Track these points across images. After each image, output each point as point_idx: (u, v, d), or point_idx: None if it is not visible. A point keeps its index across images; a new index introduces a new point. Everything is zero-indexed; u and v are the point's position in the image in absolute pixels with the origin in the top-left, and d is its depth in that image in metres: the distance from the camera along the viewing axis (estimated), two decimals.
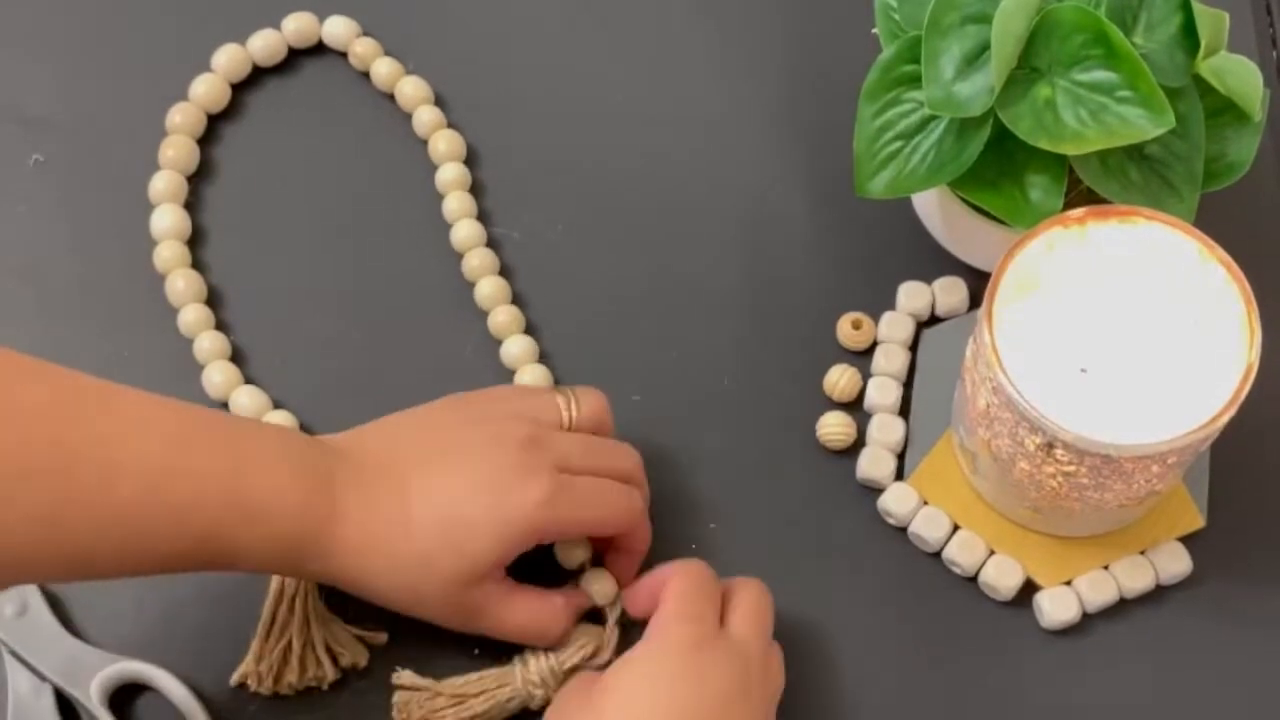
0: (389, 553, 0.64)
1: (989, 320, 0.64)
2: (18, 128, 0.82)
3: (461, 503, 0.65)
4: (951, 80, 0.68)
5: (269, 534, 0.62)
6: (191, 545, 0.61)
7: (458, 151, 0.81)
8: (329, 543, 0.63)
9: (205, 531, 0.61)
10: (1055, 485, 0.66)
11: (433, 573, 0.65)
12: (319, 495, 0.63)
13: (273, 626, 0.70)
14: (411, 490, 0.65)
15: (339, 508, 0.63)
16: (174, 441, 0.61)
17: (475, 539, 0.64)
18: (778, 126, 0.83)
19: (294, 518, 0.63)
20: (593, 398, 0.70)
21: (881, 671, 0.71)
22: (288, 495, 0.62)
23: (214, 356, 0.76)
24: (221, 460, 0.62)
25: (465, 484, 0.65)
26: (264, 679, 0.69)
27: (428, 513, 0.64)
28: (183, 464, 0.61)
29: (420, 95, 0.83)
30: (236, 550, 0.62)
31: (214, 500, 0.61)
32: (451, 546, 0.64)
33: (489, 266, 0.78)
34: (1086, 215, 0.65)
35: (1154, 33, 0.69)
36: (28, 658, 0.70)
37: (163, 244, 0.79)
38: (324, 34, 0.84)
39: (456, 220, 0.79)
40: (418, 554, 0.64)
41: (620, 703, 0.62)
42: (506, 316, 0.77)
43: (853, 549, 0.74)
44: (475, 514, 0.64)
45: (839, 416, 0.75)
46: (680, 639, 0.63)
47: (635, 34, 0.86)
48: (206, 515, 0.61)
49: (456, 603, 0.66)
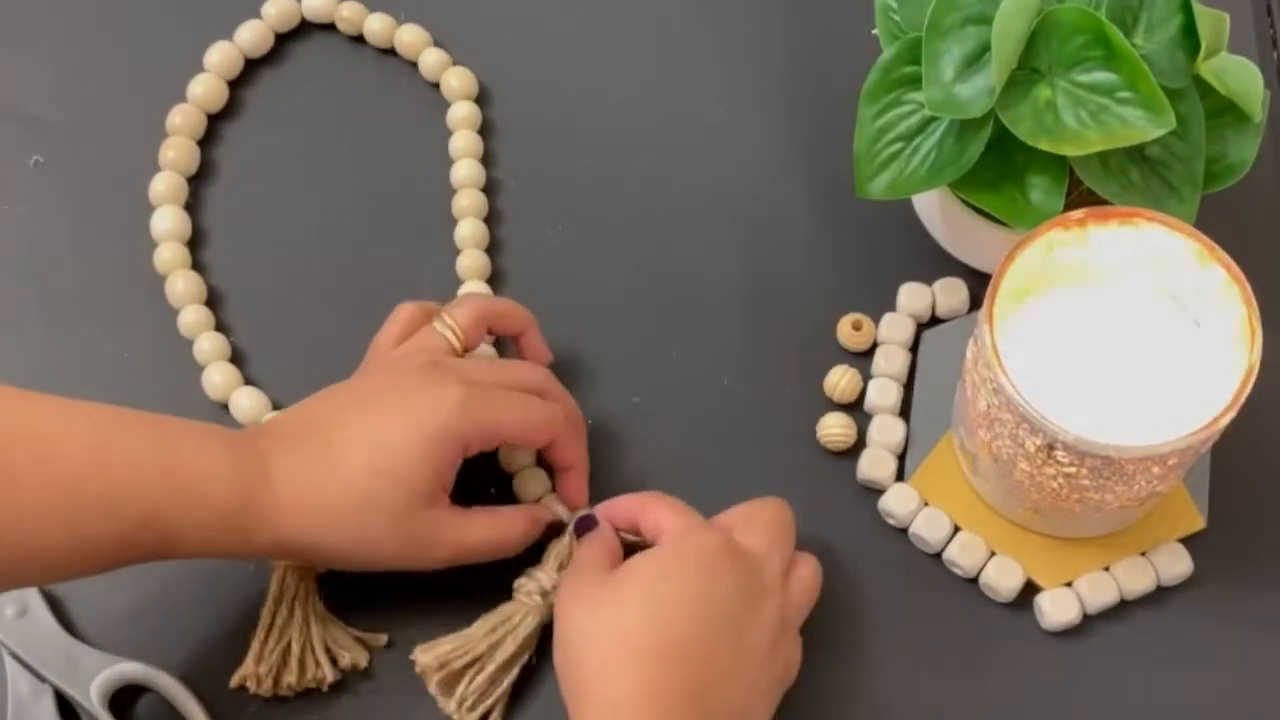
0: (328, 503, 0.65)
1: (990, 321, 0.64)
2: (18, 128, 0.82)
3: (381, 431, 0.65)
4: (952, 81, 0.68)
5: (207, 509, 0.63)
6: (133, 529, 0.62)
7: (471, 88, 0.82)
8: (268, 510, 0.64)
9: (145, 514, 0.62)
10: (1056, 486, 0.66)
11: (375, 509, 0.65)
12: (248, 465, 0.64)
13: (272, 628, 0.70)
14: (334, 440, 0.65)
15: (270, 472, 0.64)
16: (104, 427, 0.62)
17: (404, 460, 0.65)
18: (778, 128, 0.83)
19: (228, 490, 0.63)
20: (465, 308, 0.72)
21: (882, 672, 0.71)
22: (219, 470, 0.63)
23: (214, 358, 0.76)
24: (152, 444, 0.63)
25: (381, 415, 0.66)
26: (263, 681, 0.69)
27: (353, 453, 0.65)
28: (115, 449, 0.62)
29: (421, 41, 0.83)
30: (180, 531, 0.63)
31: (149, 482, 0.62)
32: (384, 475, 0.65)
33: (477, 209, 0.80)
34: (1087, 217, 0.65)
35: (1154, 34, 0.69)
36: (27, 659, 0.70)
37: (163, 245, 0.79)
38: (304, 10, 0.84)
39: (459, 158, 0.81)
40: (355, 494, 0.65)
41: (639, 583, 0.63)
42: (472, 260, 0.78)
43: (853, 550, 0.74)
44: (396, 436, 0.65)
45: (839, 418, 0.75)
46: (699, 544, 0.65)
47: (635, 35, 0.86)
48: (144, 498, 0.62)
49: (408, 535, 0.66)
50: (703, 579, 0.64)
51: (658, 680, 0.61)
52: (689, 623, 0.63)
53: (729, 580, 0.64)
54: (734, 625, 0.64)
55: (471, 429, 0.67)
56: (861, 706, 0.71)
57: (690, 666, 0.62)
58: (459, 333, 0.71)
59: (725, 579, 0.64)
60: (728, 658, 0.63)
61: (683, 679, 0.62)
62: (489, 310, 0.72)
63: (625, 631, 0.62)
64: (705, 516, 0.70)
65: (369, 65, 0.85)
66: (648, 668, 0.62)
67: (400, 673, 0.71)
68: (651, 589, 0.63)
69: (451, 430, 0.66)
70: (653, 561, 0.65)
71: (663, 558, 0.65)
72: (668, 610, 0.63)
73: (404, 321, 0.72)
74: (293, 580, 0.70)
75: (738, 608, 0.64)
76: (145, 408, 0.75)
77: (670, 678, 0.62)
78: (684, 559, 0.65)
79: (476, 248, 0.79)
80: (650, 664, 0.62)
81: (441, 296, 0.78)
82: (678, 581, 0.64)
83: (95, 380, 0.77)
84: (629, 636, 0.62)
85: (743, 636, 0.64)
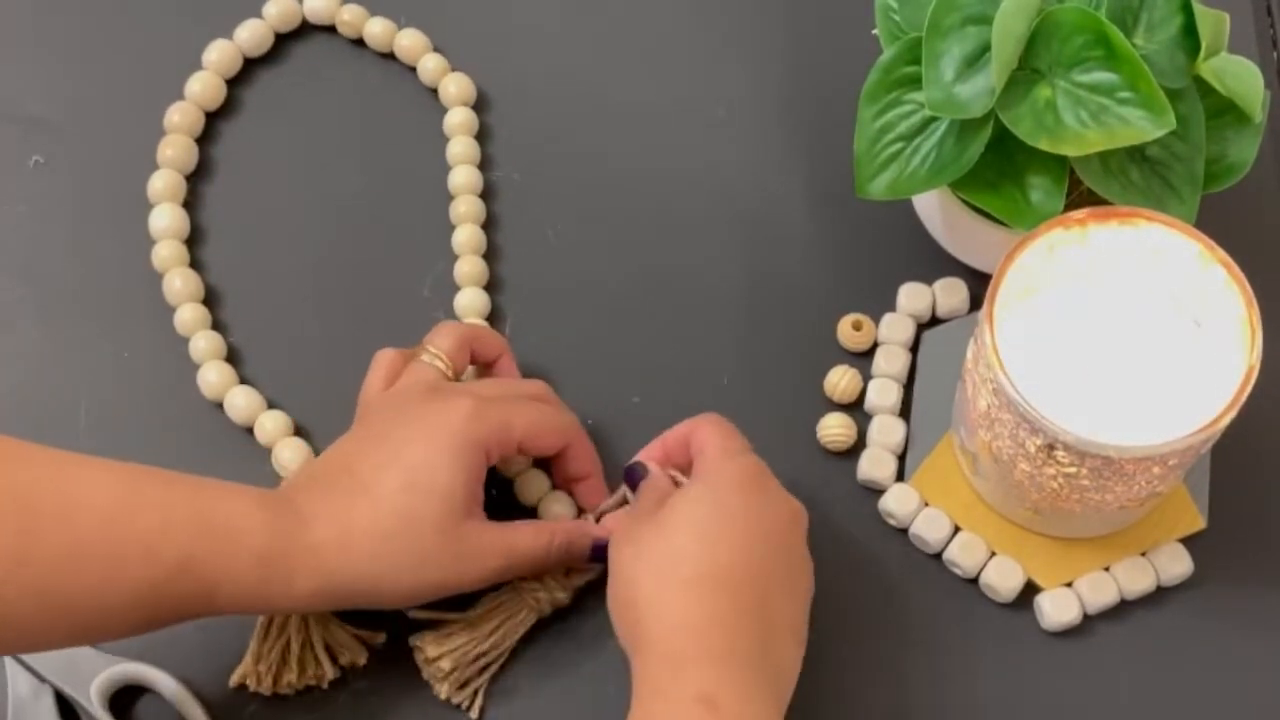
0: (370, 532, 0.64)
1: (990, 322, 0.64)
2: (18, 128, 0.82)
3: (404, 453, 0.66)
4: (952, 82, 0.68)
5: (245, 556, 0.62)
6: (166, 574, 0.61)
7: (468, 95, 0.83)
8: (311, 553, 0.64)
9: (178, 559, 0.61)
10: (1056, 487, 0.66)
11: (419, 522, 0.65)
12: (283, 509, 0.64)
13: (271, 626, 0.70)
14: (361, 473, 0.66)
15: (306, 514, 0.64)
16: (129, 479, 0.62)
17: (433, 473, 0.65)
18: (779, 128, 0.83)
19: (265, 534, 0.63)
20: (445, 336, 0.72)
21: (882, 672, 0.71)
22: (253, 515, 0.63)
23: (210, 356, 0.76)
24: (182, 493, 0.63)
25: (400, 440, 0.66)
26: (263, 679, 0.69)
27: (383, 479, 0.65)
28: (141, 496, 0.62)
29: (420, 46, 0.83)
30: (217, 579, 0.62)
31: (180, 526, 0.62)
32: (419, 490, 0.65)
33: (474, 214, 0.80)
34: (1087, 217, 0.65)
35: (1154, 34, 0.69)
36: (28, 659, 0.70)
37: (161, 243, 0.79)
38: (306, 11, 0.84)
39: (456, 164, 0.81)
40: (395, 514, 0.65)
41: (683, 518, 0.65)
42: (470, 266, 0.78)
43: (853, 550, 0.74)
44: (420, 453, 0.66)
45: (839, 418, 0.75)
46: (736, 469, 0.66)
47: (636, 35, 0.86)
48: (176, 543, 0.61)
49: (457, 548, 0.66)
50: (741, 502, 0.65)
51: (711, 605, 0.62)
52: (734, 548, 0.64)
53: (767, 500, 0.66)
54: (779, 542, 0.65)
55: (489, 434, 0.67)
56: (862, 706, 0.71)
57: (742, 588, 0.63)
58: (446, 360, 0.71)
59: (763, 499, 0.66)
60: (780, 574, 0.65)
61: (735, 600, 0.63)
62: (468, 334, 0.73)
63: (675, 564, 0.63)
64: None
65: (368, 68, 0.84)
66: (700, 594, 0.63)
67: (398, 671, 0.71)
68: (693, 520, 0.64)
69: (471, 437, 0.66)
70: (692, 494, 0.66)
71: (701, 489, 0.66)
72: (711, 537, 0.64)
73: (387, 365, 0.72)
74: None
75: (781, 525, 0.66)
76: (142, 406, 0.76)
77: (721, 601, 0.63)
78: (720, 486, 0.66)
79: (474, 254, 0.79)
80: (702, 591, 0.63)
81: (441, 301, 0.78)
82: (717, 507, 0.65)
83: (94, 380, 0.77)
84: (678, 568, 0.63)
85: (789, 552, 0.66)
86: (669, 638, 0.62)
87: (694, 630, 0.62)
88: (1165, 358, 0.63)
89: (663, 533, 0.64)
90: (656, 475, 0.69)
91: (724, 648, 0.62)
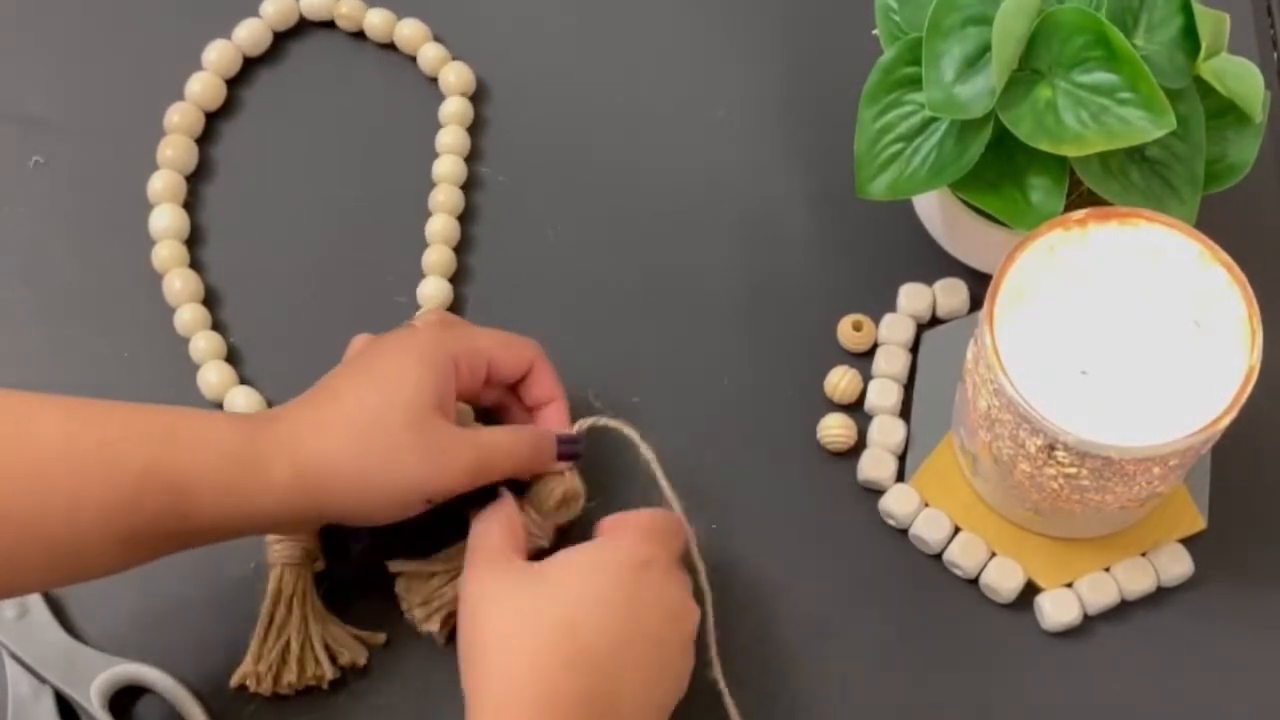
0: (341, 426, 0.64)
1: (990, 322, 0.64)
2: (18, 128, 0.82)
3: (379, 363, 0.67)
4: (952, 82, 0.68)
5: (213, 454, 0.62)
6: (133, 484, 0.60)
7: (468, 83, 0.83)
8: (284, 439, 0.64)
9: (143, 466, 0.61)
10: (1056, 487, 0.66)
11: (389, 420, 0.64)
12: (249, 418, 0.65)
13: (271, 626, 0.70)
14: (335, 385, 0.66)
15: (270, 417, 0.65)
16: (86, 403, 0.62)
17: (403, 378, 0.65)
18: (779, 128, 0.83)
19: (233, 435, 0.63)
20: (427, 313, 0.73)
21: (882, 673, 0.71)
22: (219, 423, 0.63)
23: (210, 356, 0.76)
24: (141, 409, 0.63)
25: (374, 355, 0.67)
26: (263, 679, 0.69)
27: (354, 387, 0.66)
28: (97, 414, 0.62)
29: (420, 35, 0.83)
30: (188, 480, 0.61)
31: (141, 436, 0.61)
32: (390, 388, 0.65)
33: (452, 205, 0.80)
34: (1087, 217, 0.65)
35: (1155, 34, 0.69)
36: (28, 660, 0.70)
37: (161, 243, 0.79)
38: (302, 8, 0.84)
39: (443, 153, 0.81)
40: (366, 411, 0.65)
41: (559, 578, 0.63)
42: (439, 256, 0.78)
43: (853, 550, 0.74)
44: (393, 359, 0.66)
45: (840, 418, 0.75)
46: (630, 552, 0.64)
47: (635, 35, 0.86)
48: (139, 451, 0.61)
49: (429, 444, 0.65)
50: (626, 591, 0.63)
51: (558, 685, 0.61)
52: (600, 633, 0.62)
53: (653, 597, 0.64)
54: (653, 641, 0.63)
55: (456, 346, 0.68)
56: (862, 706, 0.71)
57: (596, 676, 0.61)
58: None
59: (649, 595, 0.64)
60: (646, 669, 0.63)
61: (590, 685, 0.61)
62: (451, 321, 0.73)
63: (548, 630, 0.62)
64: (706, 522, 0.70)
65: (369, 61, 0.85)
66: (551, 671, 0.61)
67: (399, 671, 0.71)
68: (571, 593, 0.63)
69: (439, 345, 0.67)
70: (575, 566, 0.64)
71: (588, 562, 0.64)
72: (581, 616, 0.62)
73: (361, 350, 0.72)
74: (291, 578, 0.70)
75: (664, 629, 0.64)
76: None
77: (578, 682, 0.61)
78: (608, 567, 0.64)
79: (445, 244, 0.79)
80: (554, 669, 0.61)
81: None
82: (600, 589, 0.63)
83: (94, 379, 0.77)
84: (551, 635, 0.62)
85: (663, 648, 0.64)
86: (508, 704, 0.61)
87: (532, 706, 0.60)
88: (1165, 358, 0.63)
89: (535, 601, 0.63)
90: (510, 512, 0.68)
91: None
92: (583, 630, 0.62)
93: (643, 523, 0.67)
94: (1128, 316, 0.64)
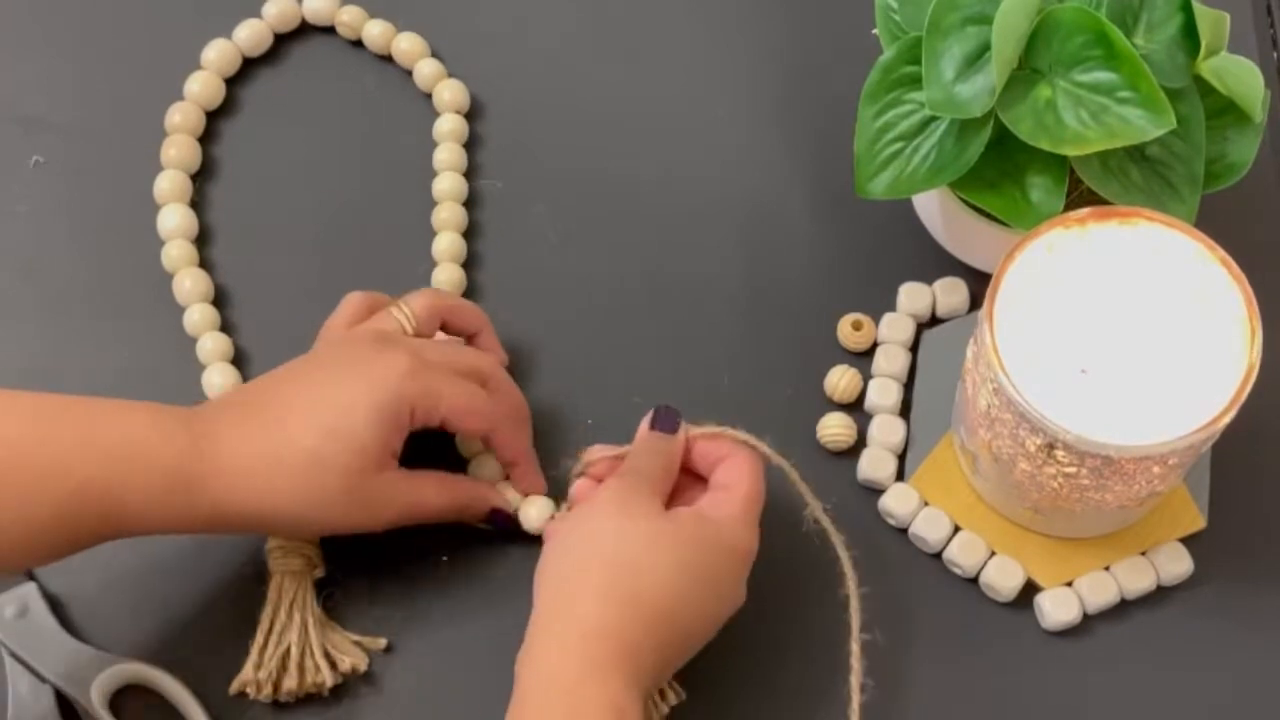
0: (276, 462, 0.65)
1: (990, 321, 0.64)
2: (18, 128, 0.82)
3: (329, 394, 0.66)
4: (952, 81, 0.68)
5: (147, 469, 0.63)
6: (74, 494, 0.62)
7: (461, 102, 0.82)
8: (211, 472, 0.64)
9: (85, 479, 0.62)
10: (1056, 486, 0.66)
11: (326, 469, 0.65)
12: (186, 427, 0.64)
13: (270, 633, 0.70)
14: (280, 406, 0.66)
15: (211, 432, 0.65)
16: (44, 409, 0.63)
17: (353, 421, 0.65)
18: (778, 128, 0.83)
19: (167, 449, 0.63)
20: (422, 297, 0.72)
21: (882, 672, 0.71)
22: (153, 431, 0.64)
23: (216, 358, 0.76)
24: (78, 420, 0.63)
25: (329, 380, 0.67)
26: (263, 686, 0.69)
27: (302, 416, 0.65)
28: (54, 425, 0.63)
29: (418, 49, 0.83)
30: (124, 495, 0.62)
31: (88, 447, 0.62)
32: (334, 435, 0.65)
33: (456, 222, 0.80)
34: (1087, 216, 0.65)
35: (1155, 33, 0.69)
36: (28, 659, 0.70)
37: (170, 243, 0.79)
38: (305, 12, 0.84)
39: (442, 170, 0.81)
40: (305, 453, 0.65)
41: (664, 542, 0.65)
42: (448, 275, 0.78)
43: (853, 550, 0.73)
44: (345, 398, 0.66)
45: (840, 417, 0.75)
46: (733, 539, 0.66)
47: (635, 35, 0.86)
48: (83, 465, 0.62)
49: (362, 497, 0.66)
50: (706, 567, 0.65)
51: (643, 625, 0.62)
52: (667, 594, 0.63)
53: (729, 580, 0.66)
54: (709, 614, 0.65)
55: (416, 396, 0.67)
56: (862, 706, 0.71)
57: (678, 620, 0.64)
58: (413, 320, 0.71)
59: (726, 577, 0.66)
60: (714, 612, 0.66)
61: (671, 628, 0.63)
62: (444, 305, 0.73)
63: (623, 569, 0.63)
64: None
65: (366, 71, 0.84)
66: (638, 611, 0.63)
67: (401, 676, 0.71)
68: (667, 553, 0.64)
69: (398, 393, 0.66)
70: (688, 529, 0.65)
71: (699, 534, 0.65)
72: (674, 575, 0.64)
73: (353, 307, 0.72)
74: (290, 585, 0.70)
75: (722, 608, 0.66)
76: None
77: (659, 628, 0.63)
78: (708, 544, 0.65)
79: (453, 261, 0.79)
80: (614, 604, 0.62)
81: None
82: (684, 556, 0.64)
83: (94, 380, 0.77)
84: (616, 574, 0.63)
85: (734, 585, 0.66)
86: (593, 631, 0.62)
87: (614, 638, 0.62)
88: (1165, 357, 0.63)
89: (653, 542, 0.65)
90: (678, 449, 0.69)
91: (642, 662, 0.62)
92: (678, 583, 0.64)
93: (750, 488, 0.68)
94: (1127, 315, 0.64)
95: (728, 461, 0.68)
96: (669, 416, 0.70)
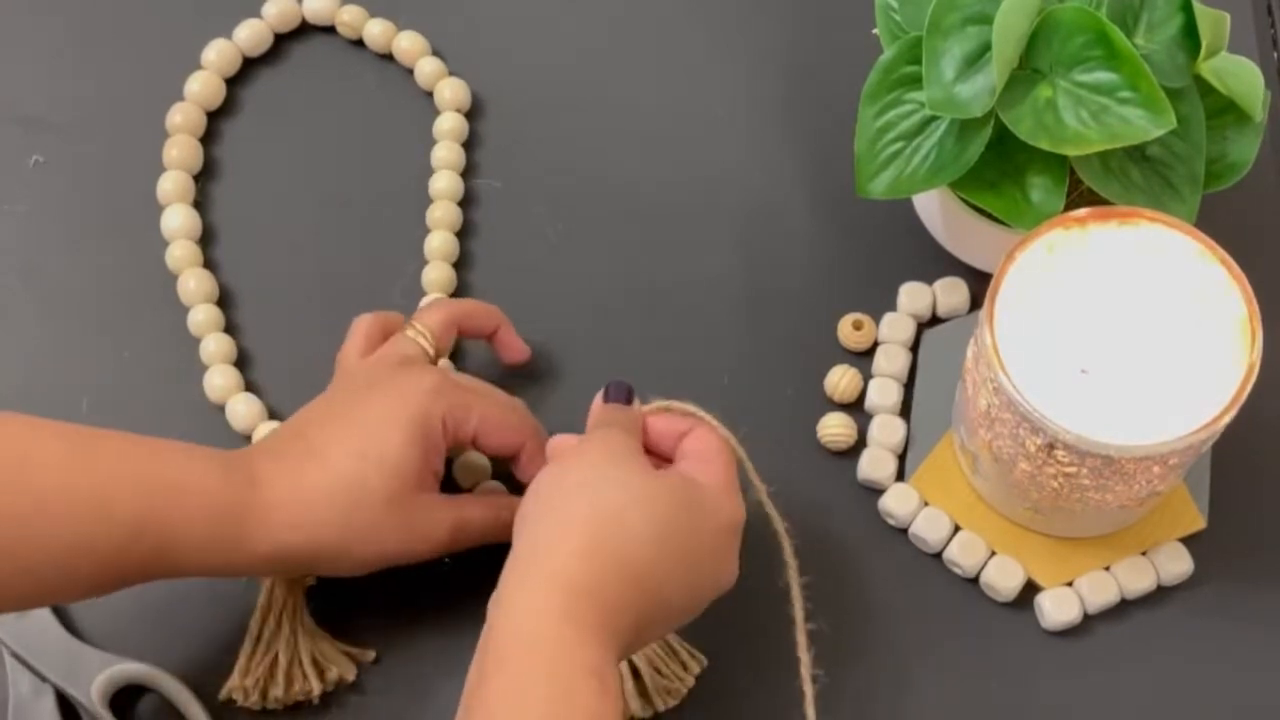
0: (320, 497, 0.64)
1: (990, 321, 0.64)
2: (18, 128, 0.82)
3: (363, 419, 0.66)
4: (952, 81, 0.68)
5: (199, 508, 0.62)
6: (127, 536, 0.61)
7: (462, 100, 0.82)
8: (261, 511, 0.63)
9: (137, 519, 0.61)
10: (1056, 486, 0.66)
11: (368, 492, 0.65)
12: (235, 470, 0.64)
13: (259, 641, 0.69)
14: (317, 438, 0.66)
15: (258, 475, 0.64)
16: (82, 439, 0.62)
17: (389, 443, 0.65)
18: (779, 128, 0.83)
19: (219, 490, 0.63)
20: (434, 310, 0.72)
21: (882, 672, 0.71)
22: (206, 474, 0.63)
23: (218, 359, 0.76)
24: (136, 454, 0.63)
25: (361, 407, 0.66)
26: (250, 694, 0.69)
27: (338, 443, 0.65)
28: (96, 455, 0.62)
29: (419, 48, 0.83)
30: (174, 533, 0.62)
31: (138, 487, 0.62)
32: (371, 459, 0.65)
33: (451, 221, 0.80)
34: (1088, 216, 0.65)
35: (1155, 33, 0.69)
36: (29, 659, 0.70)
37: (174, 244, 0.79)
38: (305, 12, 0.84)
39: (439, 169, 0.81)
40: (345, 480, 0.64)
41: (646, 495, 0.62)
42: (439, 274, 0.78)
43: (853, 550, 0.74)
44: (378, 422, 0.66)
45: (840, 417, 0.75)
46: (716, 508, 0.64)
47: (635, 35, 0.86)
48: (134, 502, 0.61)
49: (406, 520, 0.66)
50: (693, 533, 0.63)
51: (630, 592, 0.60)
52: (650, 555, 0.61)
53: (716, 551, 0.64)
54: (692, 584, 0.63)
55: (447, 411, 0.67)
56: (862, 706, 0.71)
57: (664, 585, 0.61)
58: (430, 338, 0.71)
59: (713, 546, 0.64)
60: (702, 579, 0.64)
61: (658, 594, 0.61)
62: (457, 312, 0.73)
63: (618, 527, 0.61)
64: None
65: (368, 69, 0.84)
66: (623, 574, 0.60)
67: (389, 687, 0.71)
68: (655, 514, 0.61)
69: (430, 410, 0.66)
70: (679, 492, 0.63)
71: (688, 497, 0.63)
72: (657, 541, 0.61)
73: (365, 332, 0.72)
74: (281, 593, 0.70)
75: (704, 580, 0.64)
76: (143, 407, 0.76)
77: (641, 593, 0.60)
78: (695, 508, 0.63)
79: (444, 260, 0.79)
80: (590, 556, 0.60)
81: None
82: (672, 518, 0.62)
83: (94, 381, 0.77)
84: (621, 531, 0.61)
85: (719, 557, 0.64)
86: (574, 585, 0.59)
87: (595, 595, 0.59)
88: (1165, 358, 0.63)
89: (627, 490, 0.62)
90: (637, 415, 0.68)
91: (620, 625, 0.59)
92: (638, 548, 0.61)
93: (724, 468, 0.66)
94: (1127, 316, 0.64)
95: (694, 433, 0.67)
96: (620, 387, 0.68)
